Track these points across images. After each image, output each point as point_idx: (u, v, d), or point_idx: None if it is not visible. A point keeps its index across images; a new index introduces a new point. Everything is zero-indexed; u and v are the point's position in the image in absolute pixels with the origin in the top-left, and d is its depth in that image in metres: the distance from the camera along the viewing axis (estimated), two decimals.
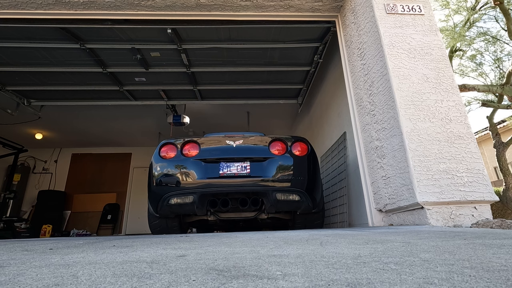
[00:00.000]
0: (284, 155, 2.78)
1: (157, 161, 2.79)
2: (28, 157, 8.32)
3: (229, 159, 2.73)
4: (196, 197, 2.62)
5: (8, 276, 0.64)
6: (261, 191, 2.65)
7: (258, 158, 2.75)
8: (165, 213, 2.79)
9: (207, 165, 2.71)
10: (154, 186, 2.72)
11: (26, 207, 8.03)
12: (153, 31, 3.96)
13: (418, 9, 2.76)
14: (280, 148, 2.83)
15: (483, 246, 0.85)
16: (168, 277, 0.59)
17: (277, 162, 2.73)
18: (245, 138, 2.89)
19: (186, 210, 2.76)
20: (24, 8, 3.44)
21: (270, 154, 2.77)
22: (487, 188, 2.11)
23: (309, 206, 2.74)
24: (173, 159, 2.76)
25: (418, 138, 2.25)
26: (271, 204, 2.67)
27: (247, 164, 2.71)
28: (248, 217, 2.93)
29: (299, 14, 3.70)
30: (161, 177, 2.72)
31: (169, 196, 2.64)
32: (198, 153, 2.75)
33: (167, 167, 2.73)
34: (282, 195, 2.66)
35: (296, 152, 2.84)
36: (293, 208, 2.80)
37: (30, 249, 1.14)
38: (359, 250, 0.86)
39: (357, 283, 0.51)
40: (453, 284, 0.49)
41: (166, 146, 2.85)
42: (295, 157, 2.80)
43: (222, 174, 2.67)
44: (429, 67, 2.51)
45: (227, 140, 2.84)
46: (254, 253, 0.87)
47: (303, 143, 2.92)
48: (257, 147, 2.82)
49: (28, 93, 5.49)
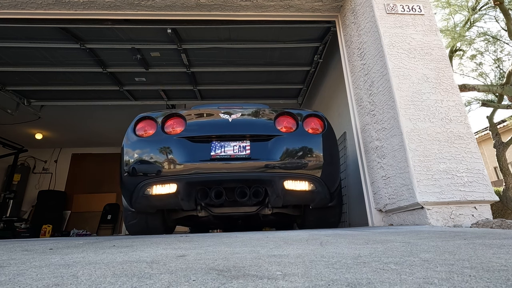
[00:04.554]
0: (294, 133, 2.27)
1: (131, 141, 2.28)
2: (28, 157, 8.32)
3: (224, 137, 2.22)
4: (180, 186, 2.11)
5: (8, 276, 0.64)
6: (264, 178, 2.15)
7: (261, 136, 2.24)
8: (142, 207, 2.32)
9: (195, 145, 2.19)
10: (127, 173, 2.20)
11: (26, 207, 8.02)
12: (153, 31, 3.96)
13: (418, 9, 2.76)
14: (289, 124, 2.32)
15: (483, 246, 0.85)
16: (168, 277, 0.58)
17: (285, 141, 2.22)
18: (244, 111, 2.37)
19: (169, 203, 2.27)
20: (24, 8, 3.44)
21: (276, 131, 2.25)
22: (487, 188, 2.11)
23: (325, 197, 2.26)
24: (151, 138, 2.24)
25: (418, 138, 2.25)
26: (277, 195, 2.19)
27: (246, 144, 2.20)
28: (247, 212, 2.46)
29: (299, 14, 3.70)
30: (135, 161, 2.18)
31: (145, 184, 2.13)
32: (183, 130, 2.23)
33: (143, 147, 2.21)
34: (292, 183, 2.17)
35: (309, 130, 2.32)
36: (305, 200, 2.34)
37: (30, 249, 1.14)
38: (359, 250, 0.86)
39: (357, 283, 0.51)
40: (453, 284, 0.49)
41: (143, 121, 2.34)
42: (308, 136, 2.29)
43: (214, 156, 2.14)
44: (429, 67, 2.51)
45: (221, 113, 2.32)
46: (254, 253, 0.87)
47: (318, 118, 2.41)
48: (260, 122, 2.31)
49: (28, 93, 5.50)
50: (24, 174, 8.15)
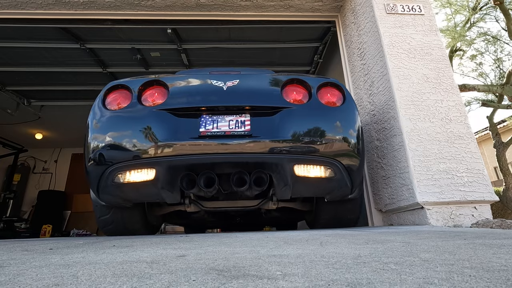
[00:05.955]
0: (306, 105, 1.85)
1: (99, 115, 1.82)
2: (28, 157, 8.32)
3: (217, 110, 1.80)
4: (160, 172, 1.69)
5: (8, 276, 0.64)
6: (269, 161, 1.72)
7: (265, 109, 1.81)
8: (112, 200, 1.87)
9: (180, 120, 1.76)
10: (92, 155, 1.73)
11: (26, 207, 8.02)
12: (153, 31, 3.96)
13: (418, 9, 2.76)
14: (300, 94, 1.91)
15: (483, 246, 0.85)
16: (168, 277, 0.59)
17: (295, 115, 1.79)
18: (242, 77, 1.94)
19: (147, 195, 1.83)
20: (24, 8, 3.44)
21: (284, 103, 1.83)
22: (487, 188, 2.11)
23: (346, 187, 1.85)
24: (124, 111, 1.79)
25: (418, 138, 2.25)
26: (285, 183, 1.78)
27: (246, 118, 1.77)
28: (247, 207, 2.05)
29: (299, 14, 3.70)
30: (103, 140, 1.73)
31: (115, 170, 1.69)
32: (165, 101, 1.81)
33: (114, 123, 1.77)
34: (304, 168, 1.75)
35: (325, 101, 1.90)
36: (320, 190, 1.92)
37: (30, 249, 1.14)
38: (359, 250, 0.86)
39: (357, 283, 0.51)
40: (453, 284, 0.49)
41: (116, 91, 1.90)
42: (324, 109, 1.86)
43: (204, 133, 1.71)
44: (429, 67, 2.51)
45: (213, 80, 1.89)
46: (254, 253, 0.87)
47: (335, 88, 1.99)
48: (263, 91, 1.89)
49: (28, 93, 5.50)
50: (24, 174, 8.15)
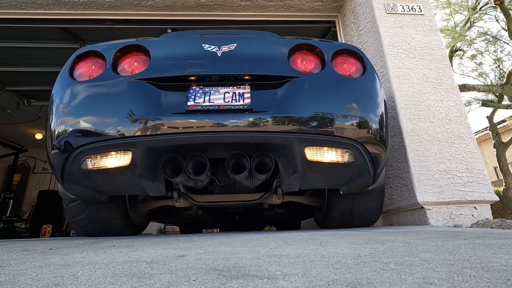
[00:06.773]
0: (318, 75, 1.52)
1: (66, 87, 1.46)
2: (28, 157, 8.32)
3: (209, 80, 1.50)
4: (137, 155, 1.34)
5: (8, 276, 0.64)
6: (274, 142, 1.37)
7: (268, 79, 1.49)
8: (80, 190, 1.53)
9: (164, 92, 1.43)
10: (56, 135, 1.39)
11: (26, 207, 8.03)
12: (153, 31, 3.96)
13: (418, 9, 2.76)
14: (312, 62, 1.58)
15: (483, 246, 0.85)
16: (168, 277, 0.59)
17: (306, 86, 1.46)
18: (241, 41, 1.60)
19: (122, 184, 1.48)
20: (24, 8, 3.44)
21: (291, 71, 1.50)
22: (487, 188, 2.11)
23: (367, 175, 1.51)
24: (95, 82, 1.45)
25: (418, 138, 2.25)
26: (294, 169, 1.44)
27: (245, 90, 1.45)
28: (247, 202, 1.73)
29: (299, 14, 3.70)
30: (68, 116, 1.39)
31: (82, 153, 1.35)
32: (146, 69, 1.49)
33: (82, 96, 1.42)
34: (318, 151, 1.40)
35: (341, 71, 1.56)
36: (337, 179, 1.57)
37: (30, 249, 1.14)
38: (359, 250, 0.86)
39: (357, 283, 0.51)
40: (453, 284, 0.49)
41: (87, 59, 1.57)
42: (341, 80, 1.52)
43: (193, 107, 1.37)
44: (429, 67, 2.51)
45: (205, 44, 1.54)
46: (254, 253, 0.87)
47: (353, 56, 1.63)
48: (266, 58, 1.55)
49: (28, 93, 5.50)
50: (24, 174, 8.16)
